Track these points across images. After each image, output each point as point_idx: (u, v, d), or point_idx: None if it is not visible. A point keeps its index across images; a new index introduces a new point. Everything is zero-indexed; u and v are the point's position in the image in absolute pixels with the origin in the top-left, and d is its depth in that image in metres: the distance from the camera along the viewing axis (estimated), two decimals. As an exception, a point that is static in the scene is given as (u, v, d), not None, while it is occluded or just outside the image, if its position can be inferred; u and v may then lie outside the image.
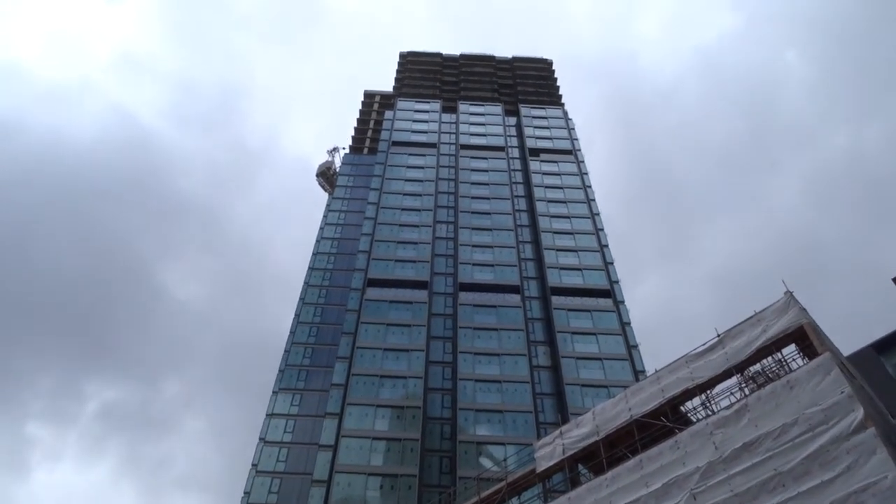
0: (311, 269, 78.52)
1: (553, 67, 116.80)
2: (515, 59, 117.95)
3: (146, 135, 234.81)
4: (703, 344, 25.73)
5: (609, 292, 67.67)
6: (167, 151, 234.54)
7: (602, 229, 76.46)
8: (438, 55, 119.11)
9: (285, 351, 68.66)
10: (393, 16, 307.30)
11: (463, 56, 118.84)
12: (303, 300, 74.57)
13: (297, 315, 72.56)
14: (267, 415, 61.60)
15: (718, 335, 25.52)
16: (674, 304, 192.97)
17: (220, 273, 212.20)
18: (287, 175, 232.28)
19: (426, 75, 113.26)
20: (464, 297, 66.95)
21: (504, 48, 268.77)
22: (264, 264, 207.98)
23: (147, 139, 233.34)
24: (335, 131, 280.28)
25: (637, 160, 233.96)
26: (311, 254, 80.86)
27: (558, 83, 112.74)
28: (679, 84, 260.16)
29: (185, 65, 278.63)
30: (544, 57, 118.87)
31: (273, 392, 63.99)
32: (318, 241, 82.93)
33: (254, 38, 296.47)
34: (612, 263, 71.76)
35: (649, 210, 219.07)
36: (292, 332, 70.65)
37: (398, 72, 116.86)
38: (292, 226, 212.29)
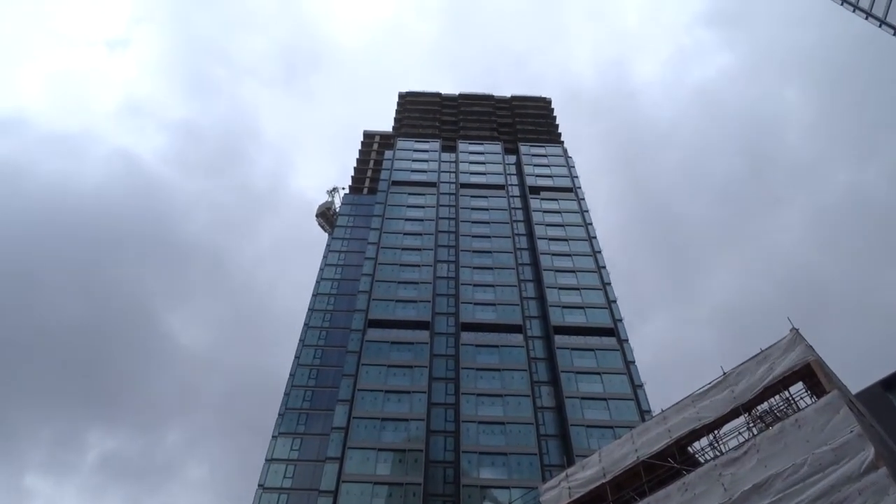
0: (311, 310, 78.34)
1: (552, 106, 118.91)
2: (514, 98, 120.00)
3: (150, 181, 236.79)
4: (709, 383, 25.69)
5: (613, 331, 67.51)
6: (171, 197, 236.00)
7: (604, 267, 76.64)
8: (437, 95, 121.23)
9: (285, 394, 68.06)
10: (392, 57, 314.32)
11: (462, 95, 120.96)
12: (303, 342, 74.27)
13: (297, 357, 72.19)
14: (266, 460, 60.76)
15: (724, 373, 25.52)
16: (679, 342, 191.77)
17: (223, 317, 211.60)
18: (290, 217, 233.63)
19: (425, 115, 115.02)
20: (466, 336, 66.83)
21: (503, 87, 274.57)
22: (267, 307, 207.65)
23: (151, 185, 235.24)
24: (336, 172, 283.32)
25: (638, 198, 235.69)
26: (311, 295, 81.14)
27: (557, 121, 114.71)
28: (678, 122, 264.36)
29: (189, 111, 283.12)
30: (543, 96, 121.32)
31: (273, 436, 63.26)
32: (318, 281, 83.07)
33: (257, 84, 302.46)
34: (615, 301, 71.73)
35: (652, 248, 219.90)
36: (292, 375, 70.17)
37: (397, 111, 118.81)
38: (295, 267, 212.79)
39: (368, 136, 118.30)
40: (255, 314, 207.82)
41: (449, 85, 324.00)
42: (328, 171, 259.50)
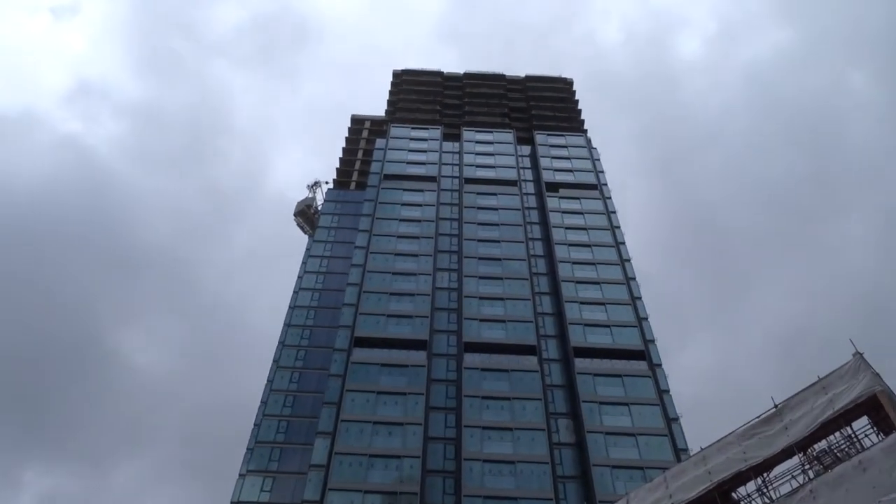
0: (287, 326, 78.68)
1: (574, 88, 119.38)
2: (529, 79, 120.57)
3: (102, 175, 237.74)
4: (758, 416, 25.72)
5: (643, 354, 67.63)
6: (127, 195, 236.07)
7: (634, 278, 76.90)
8: (439, 73, 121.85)
9: (255, 425, 68.09)
10: (387, 32, 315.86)
11: (468, 74, 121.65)
12: (277, 363, 74.53)
13: (270, 382, 72.28)
14: (232, 503, 60.72)
15: (776, 406, 25.54)
16: (723, 369, 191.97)
17: (185, 337, 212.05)
18: (266, 219, 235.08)
19: (424, 97, 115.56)
20: (469, 359, 66.95)
21: (517, 67, 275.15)
22: (238, 324, 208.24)
23: (103, 181, 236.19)
24: (319, 164, 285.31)
25: (677, 201, 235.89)
26: (287, 308, 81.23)
27: (580, 107, 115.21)
28: (725, 112, 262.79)
29: (149, 94, 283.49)
30: (564, 76, 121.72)
31: (240, 475, 63.21)
32: (295, 292, 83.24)
33: (228, 63, 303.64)
34: (646, 319, 71.93)
35: (692, 260, 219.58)
36: (264, 403, 70.23)
37: (392, 93, 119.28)
38: (271, 277, 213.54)
39: (357, 122, 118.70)
40: (223, 333, 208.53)
41: (453, 63, 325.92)
42: (310, 163, 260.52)
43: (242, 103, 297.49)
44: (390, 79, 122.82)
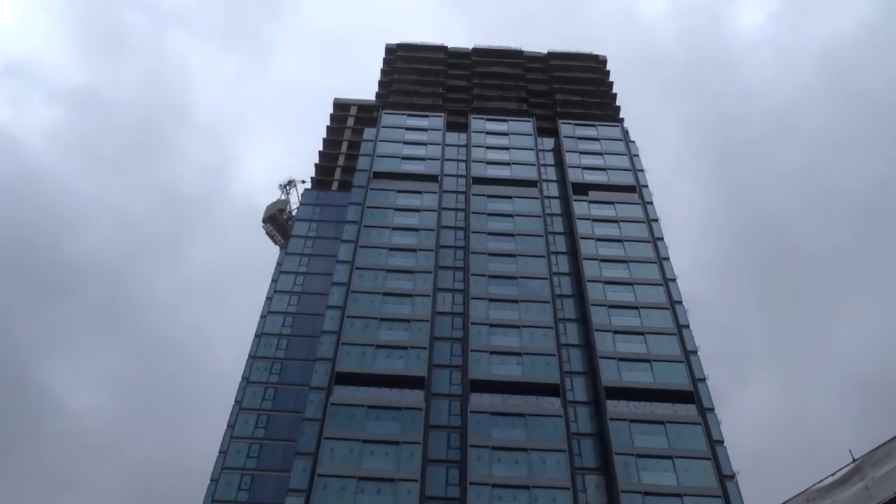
0: (252, 358, 78.89)
1: (607, 68, 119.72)
2: (553, 56, 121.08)
3: (32, 173, 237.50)
4: (833, 474, 25.52)
5: (692, 395, 67.55)
6: (61, 198, 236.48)
7: (680, 302, 76.98)
8: (442, 49, 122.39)
9: (212, 480, 67.93)
10: (382, 4, 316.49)
11: (477, 50, 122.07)
12: (239, 404, 74.57)
13: (232, 427, 72.18)
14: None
15: (855, 461, 25.34)
16: (791, 416, 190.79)
17: (129, 373, 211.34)
18: (232, 227, 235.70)
19: (424, 77, 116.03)
20: (477, 400, 66.75)
21: (538, 43, 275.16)
22: (194, 358, 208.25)
23: (32, 180, 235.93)
24: (296, 159, 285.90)
25: (736, 211, 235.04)
26: (252, 336, 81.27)
27: (615, 91, 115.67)
28: (797, 103, 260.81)
29: (90, 76, 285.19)
30: (595, 53, 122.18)
31: (192, 542, 63.13)
32: (262, 317, 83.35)
33: (187, 36, 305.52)
34: (695, 352, 71.86)
35: (756, 282, 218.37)
36: (223, 453, 70.09)
37: (384, 72, 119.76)
38: (234, 298, 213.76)
39: (341, 108, 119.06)
40: (175, 368, 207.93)
41: (459, 37, 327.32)
42: (285, 158, 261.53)
43: (204, 86, 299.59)
44: (382, 55, 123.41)
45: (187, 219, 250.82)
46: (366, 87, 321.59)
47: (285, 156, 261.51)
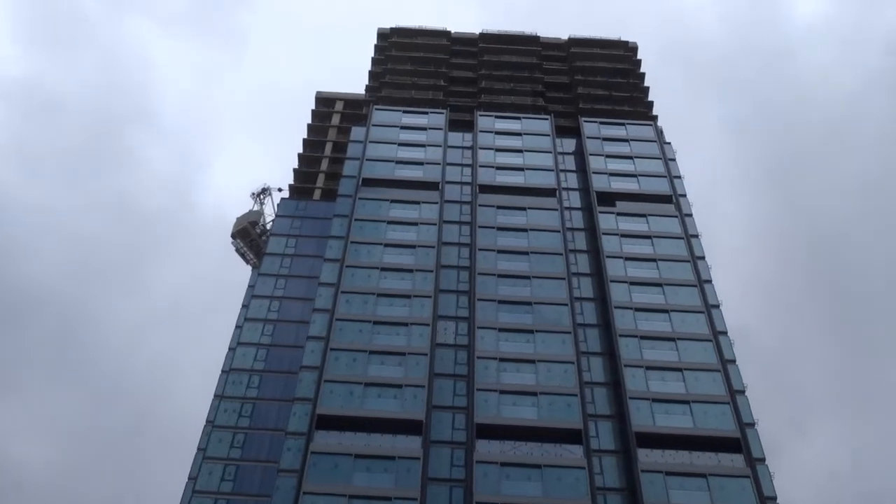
0: (218, 397, 79.29)
1: (638, 57, 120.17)
2: (574, 42, 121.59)
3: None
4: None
5: (738, 443, 67.16)
6: (6, 218, 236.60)
7: (724, 332, 76.97)
8: (444, 34, 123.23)
9: (170, 543, 67.66)
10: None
11: (485, 35, 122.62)
12: (204, 452, 74.24)
13: (194, 480, 71.87)
14: None
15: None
16: (858, 469, 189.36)
17: (79, 416, 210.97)
18: (198, 245, 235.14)
19: (423, 67, 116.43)
20: (484, 448, 66.52)
21: (555, 28, 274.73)
22: (152, 397, 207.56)
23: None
24: (272, 163, 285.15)
25: (793, 226, 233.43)
26: (219, 372, 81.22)
27: (648, 84, 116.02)
28: (861, 104, 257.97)
29: (37, 69, 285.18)
30: (623, 39, 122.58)
31: None
32: (231, 349, 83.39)
33: (148, 24, 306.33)
34: (742, 392, 71.74)
35: (817, 312, 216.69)
36: (183, 512, 69.86)
37: (376, 61, 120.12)
38: (200, 327, 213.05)
39: (325, 102, 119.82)
40: (131, 409, 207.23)
41: (464, 21, 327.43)
42: (260, 164, 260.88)
43: (167, 81, 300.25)
44: (374, 41, 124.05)
45: (148, 237, 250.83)
46: (354, 81, 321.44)
47: (261, 160, 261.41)
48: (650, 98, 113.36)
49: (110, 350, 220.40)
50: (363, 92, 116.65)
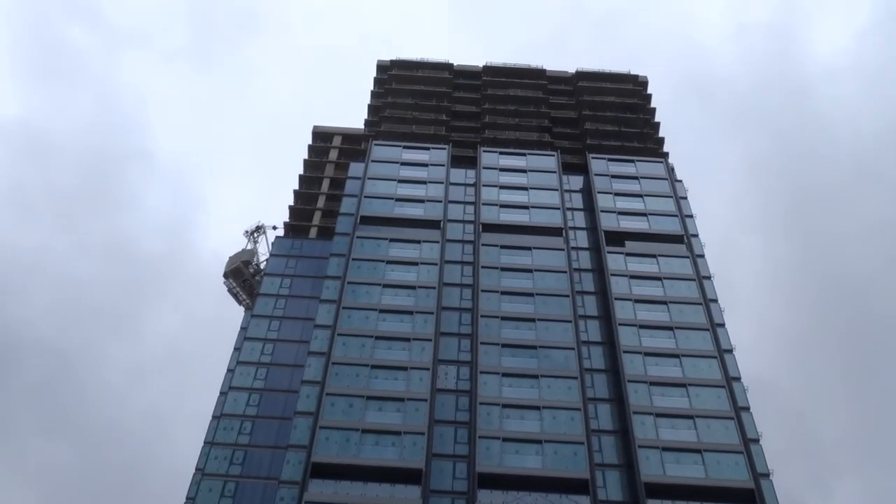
0: (209, 444, 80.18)
1: (649, 92, 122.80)
2: (581, 76, 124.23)
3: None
4: None
5: (752, 494, 68.51)
6: None
7: (738, 379, 78.69)
8: (446, 66, 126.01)
9: None
10: (371, 12, 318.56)
11: (489, 69, 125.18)
12: (192, 502, 75.44)
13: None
14: None
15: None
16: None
17: (67, 470, 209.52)
18: (195, 288, 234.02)
19: (424, 101, 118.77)
20: (487, 499, 67.59)
21: (562, 62, 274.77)
22: (147, 449, 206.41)
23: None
24: (268, 201, 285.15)
25: (814, 270, 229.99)
26: (210, 418, 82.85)
27: (658, 118, 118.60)
28: (886, 142, 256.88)
29: (30, 105, 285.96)
30: (633, 73, 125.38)
31: None
32: (223, 393, 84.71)
33: (146, 59, 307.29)
34: (757, 441, 73.24)
35: (838, 361, 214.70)
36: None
37: (375, 95, 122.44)
38: (201, 374, 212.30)
39: (322, 137, 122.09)
40: (123, 461, 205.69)
41: (468, 53, 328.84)
42: (258, 201, 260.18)
43: (164, 118, 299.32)
44: (373, 74, 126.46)
45: (144, 279, 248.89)
46: (353, 114, 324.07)
47: (260, 198, 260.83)
48: (661, 134, 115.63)
49: (103, 399, 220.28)
50: (362, 126, 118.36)
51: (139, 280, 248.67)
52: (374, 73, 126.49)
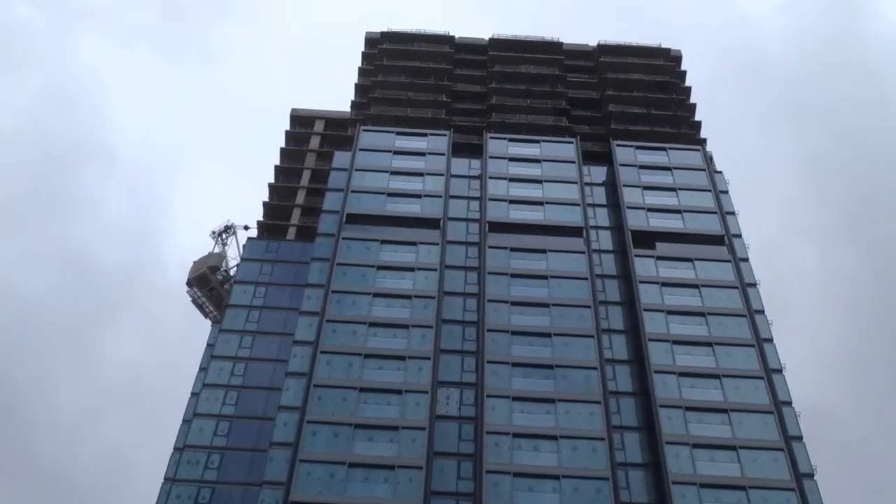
0: (169, 481, 78.65)
1: (682, 68, 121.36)
2: (604, 50, 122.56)
3: None
4: None
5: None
6: None
7: (789, 403, 77.10)
8: (447, 39, 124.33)
9: None
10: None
11: (496, 41, 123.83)
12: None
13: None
14: None
15: None
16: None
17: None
18: (163, 302, 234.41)
19: (422, 79, 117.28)
20: (495, 546, 66.40)
21: (581, 35, 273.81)
22: (103, 494, 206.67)
23: None
24: (247, 198, 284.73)
25: (878, 285, 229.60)
26: (171, 450, 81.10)
27: (693, 99, 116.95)
28: None
29: None
30: (665, 46, 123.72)
31: None
32: (185, 422, 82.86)
33: (103, 42, 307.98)
34: (811, 476, 71.54)
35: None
36: None
37: (364, 72, 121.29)
38: (166, 404, 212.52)
39: (301, 122, 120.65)
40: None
41: (471, 25, 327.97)
42: (230, 199, 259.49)
43: (125, 108, 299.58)
44: (361, 48, 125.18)
45: (102, 297, 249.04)
46: (338, 95, 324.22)
47: (235, 196, 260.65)
48: (697, 117, 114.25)
49: (55, 433, 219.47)
50: (348, 109, 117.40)
51: (97, 297, 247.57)
52: (361, 47, 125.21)
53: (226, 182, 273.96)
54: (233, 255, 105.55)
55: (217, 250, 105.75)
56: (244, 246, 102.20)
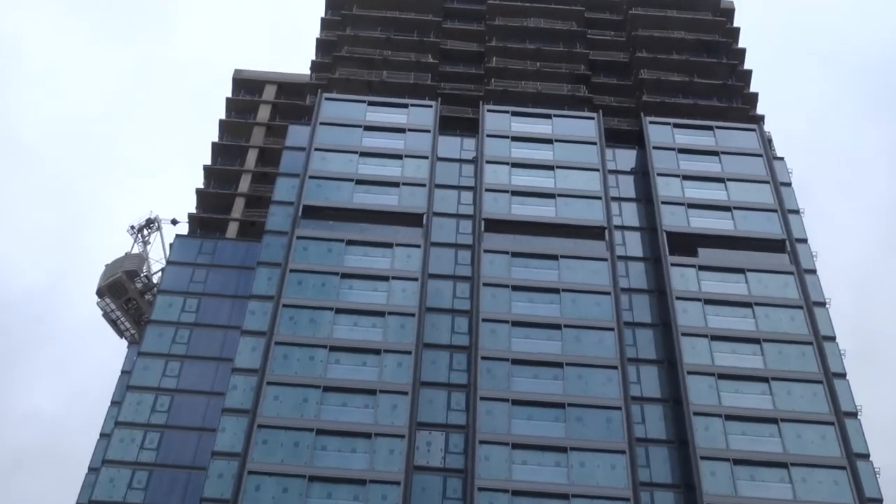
0: None
1: (735, 25, 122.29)
2: (634, 0, 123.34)
3: None
4: None
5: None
6: None
7: (866, 456, 77.81)
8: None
9: None
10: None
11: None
12: None
13: None
14: None
15: None
16: None
17: None
18: (84, 331, 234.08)
19: (401, 33, 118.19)
20: None
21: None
22: None
23: None
24: (174, 183, 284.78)
25: None
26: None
27: (748, 65, 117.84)
28: None
29: None
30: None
31: None
32: (92, 469, 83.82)
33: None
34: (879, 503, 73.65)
35: None
36: None
37: (327, 25, 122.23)
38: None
39: (246, 86, 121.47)
40: None
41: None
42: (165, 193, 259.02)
43: (31, 82, 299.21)
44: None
45: (8, 335, 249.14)
46: (293, 56, 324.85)
47: (164, 181, 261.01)
48: (753, 88, 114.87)
49: None
50: (307, 72, 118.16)
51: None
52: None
53: (162, 172, 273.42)
54: (157, 257, 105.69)
55: (137, 250, 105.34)
56: (171, 245, 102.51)
